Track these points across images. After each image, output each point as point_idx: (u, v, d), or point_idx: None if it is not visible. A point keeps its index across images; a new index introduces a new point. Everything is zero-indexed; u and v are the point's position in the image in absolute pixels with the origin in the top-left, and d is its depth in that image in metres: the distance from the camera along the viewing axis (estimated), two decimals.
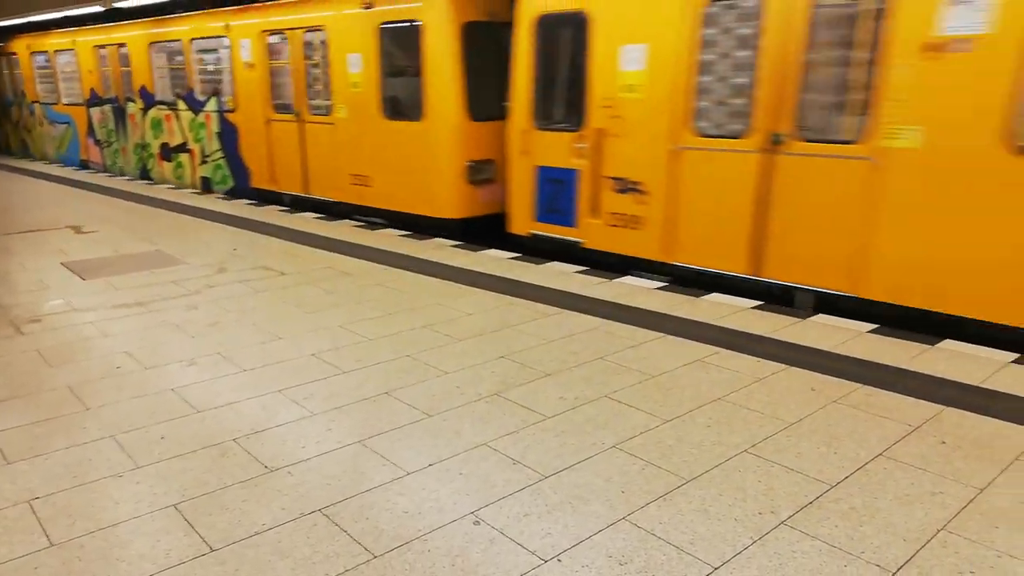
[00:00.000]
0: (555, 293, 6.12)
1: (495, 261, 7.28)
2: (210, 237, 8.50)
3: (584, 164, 7.28)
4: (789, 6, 5.67)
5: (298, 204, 10.85)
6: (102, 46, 14.25)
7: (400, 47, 8.73)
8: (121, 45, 13.64)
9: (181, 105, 12.58)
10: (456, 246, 7.98)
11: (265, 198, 11.39)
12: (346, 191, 9.86)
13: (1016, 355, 4.70)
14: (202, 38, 11.63)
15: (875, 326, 5.27)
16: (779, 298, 6.18)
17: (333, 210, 10.20)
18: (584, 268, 6.97)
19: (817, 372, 4.44)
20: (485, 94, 8.41)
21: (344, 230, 8.85)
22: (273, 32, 10.34)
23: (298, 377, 4.38)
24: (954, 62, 5.02)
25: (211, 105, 11.93)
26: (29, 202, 11.38)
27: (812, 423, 3.78)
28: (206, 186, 12.60)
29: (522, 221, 8.05)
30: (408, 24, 8.48)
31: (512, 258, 7.40)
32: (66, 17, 15.05)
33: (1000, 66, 4.82)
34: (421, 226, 8.96)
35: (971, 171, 5.01)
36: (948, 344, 4.91)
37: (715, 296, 6.04)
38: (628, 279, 6.56)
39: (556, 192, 7.67)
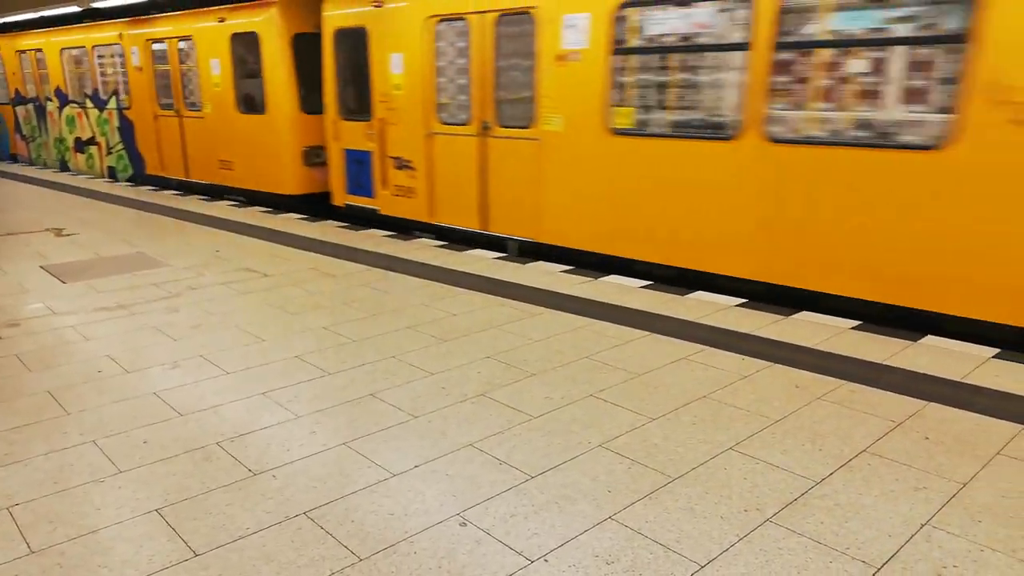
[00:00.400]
0: (540, 293, 6.12)
1: (480, 261, 7.27)
2: (192, 239, 8.42)
3: (375, 147, 9.14)
4: (483, 26, 7.54)
5: (183, 188, 12.66)
6: (23, 51, 16.04)
7: (247, 53, 10.55)
8: (38, 51, 15.48)
9: (89, 103, 14.46)
10: (440, 247, 7.96)
11: (159, 184, 13.15)
12: (216, 175, 11.71)
13: (996, 350, 4.75)
14: (102, 45, 13.47)
15: (858, 323, 5.31)
16: (498, 246, 8.04)
17: (208, 191, 12.04)
18: (567, 268, 6.98)
19: (801, 369, 4.47)
20: (315, 92, 9.92)
21: (328, 231, 8.81)
22: (156, 41, 12.13)
23: (282, 379, 4.35)
24: (572, 68, 6.88)
25: (112, 103, 13.76)
26: (6, 204, 11.23)
27: (797, 420, 3.80)
28: (112, 174, 14.45)
29: (339, 194, 9.91)
30: (251, 35, 10.31)
31: (497, 258, 7.40)
32: (42, 17, 14.94)
33: (595, 72, 6.68)
34: (271, 202, 10.83)
35: (590, 146, 6.89)
36: (930, 340, 4.96)
37: (700, 294, 6.06)
38: (612, 278, 6.57)
39: (359, 170, 9.53)
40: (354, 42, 9.02)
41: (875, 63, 5.35)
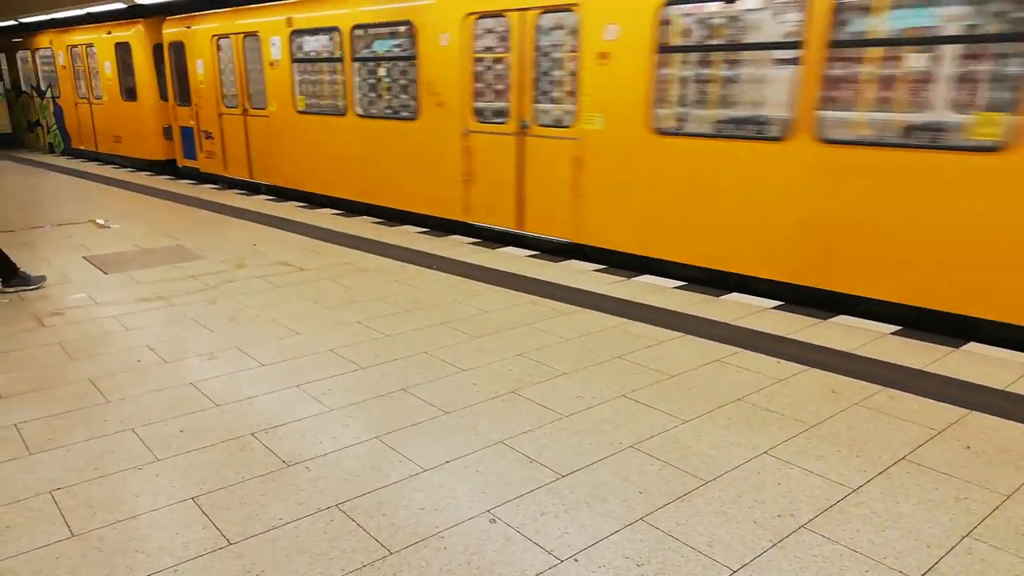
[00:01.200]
0: (572, 291, 6.10)
1: (513, 259, 7.26)
2: (231, 232, 8.55)
3: (195, 123, 13.27)
4: (237, 42, 11.55)
5: (93, 157, 17.13)
6: None
7: (126, 57, 14.63)
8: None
9: (34, 93, 19.34)
10: (473, 243, 7.98)
11: (80, 155, 17.71)
12: (113, 147, 16.22)
13: None
14: (40, 48, 18.12)
15: (898, 328, 5.20)
16: (257, 189, 12.23)
17: (106, 159, 16.68)
18: (601, 267, 6.93)
19: (838, 374, 4.39)
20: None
21: (364, 227, 8.88)
22: (73, 46, 16.47)
23: (316, 372, 4.40)
24: (277, 71, 10.82)
25: (48, 93, 18.55)
26: (50, 196, 11.51)
27: (833, 425, 3.73)
28: (51, 149, 19.21)
29: (180, 159, 14.29)
30: (126, 44, 14.45)
31: (529, 255, 7.39)
32: (88, 14, 15.59)
33: (286, 73, 10.67)
34: (141, 166, 15.28)
35: (288, 121, 10.91)
36: (972, 347, 4.84)
37: (735, 296, 5.99)
38: (645, 278, 6.52)
39: (188, 141, 13.69)
40: (180, 51, 13.15)
41: (390, 71, 9.20)
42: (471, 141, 8.15)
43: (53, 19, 16.09)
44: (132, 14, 14.43)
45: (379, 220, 6.93)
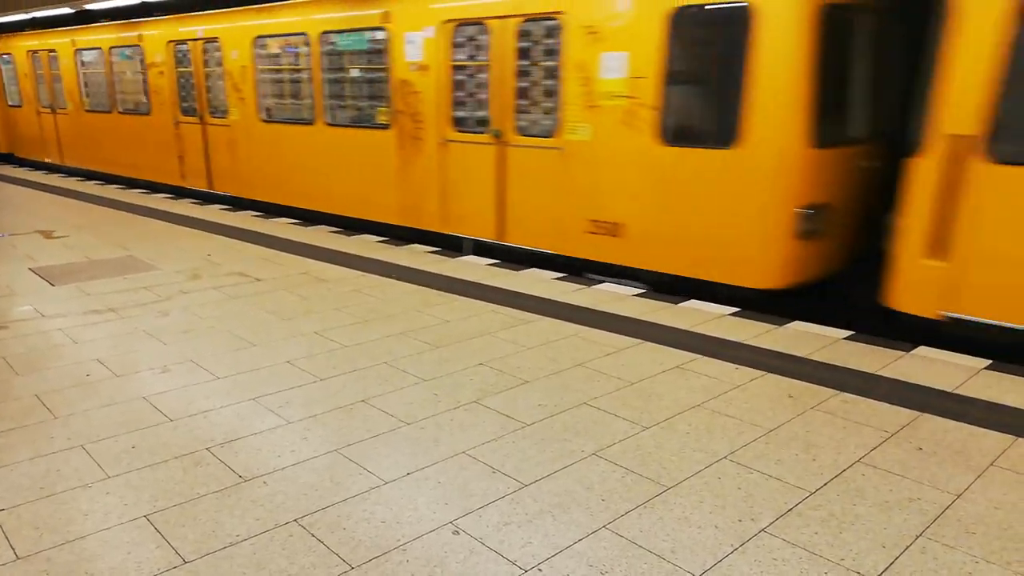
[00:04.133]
0: (533, 300, 6.11)
1: (473, 268, 7.25)
2: (184, 243, 8.37)
3: None
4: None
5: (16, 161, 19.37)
6: None
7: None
8: None
9: None
10: (431, 252, 7.94)
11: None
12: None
13: (989, 361, 4.76)
14: None
15: (851, 333, 5.32)
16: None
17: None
18: (562, 275, 6.97)
19: (794, 379, 4.47)
20: None
21: (321, 236, 8.77)
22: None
23: (273, 385, 4.32)
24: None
25: None
26: None
27: (790, 430, 3.79)
28: None
29: None
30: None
31: (490, 264, 7.38)
32: (33, 19, 15.42)
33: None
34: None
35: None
36: (923, 351, 4.97)
37: (693, 303, 6.06)
38: (606, 286, 6.57)
39: None
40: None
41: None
42: (181, 129, 12.12)
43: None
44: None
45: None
